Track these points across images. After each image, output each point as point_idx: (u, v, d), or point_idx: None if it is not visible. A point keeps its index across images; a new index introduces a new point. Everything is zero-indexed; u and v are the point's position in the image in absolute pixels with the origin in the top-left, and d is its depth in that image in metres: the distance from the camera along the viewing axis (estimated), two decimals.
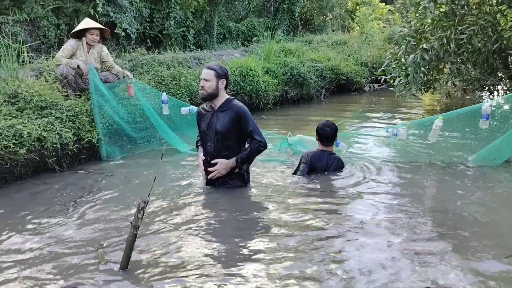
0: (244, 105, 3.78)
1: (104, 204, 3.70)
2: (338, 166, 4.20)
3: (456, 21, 6.26)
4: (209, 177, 3.76)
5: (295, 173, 4.21)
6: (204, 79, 3.63)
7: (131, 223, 2.50)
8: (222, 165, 3.68)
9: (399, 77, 7.18)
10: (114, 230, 3.12)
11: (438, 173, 4.34)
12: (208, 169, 3.72)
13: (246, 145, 3.75)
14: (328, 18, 16.64)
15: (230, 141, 3.69)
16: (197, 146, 3.97)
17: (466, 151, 4.94)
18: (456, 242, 2.82)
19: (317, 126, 4.20)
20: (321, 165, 4.14)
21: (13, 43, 5.36)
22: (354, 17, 16.22)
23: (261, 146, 3.72)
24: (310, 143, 4.78)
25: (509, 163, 4.43)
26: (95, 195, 3.93)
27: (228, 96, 3.74)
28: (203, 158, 3.77)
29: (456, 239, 2.86)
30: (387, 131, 4.81)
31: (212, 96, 3.66)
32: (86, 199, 3.82)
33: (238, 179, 3.82)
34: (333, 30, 16.00)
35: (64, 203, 3.72)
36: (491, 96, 7.80)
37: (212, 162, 3.70)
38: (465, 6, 6.28)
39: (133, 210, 3.31)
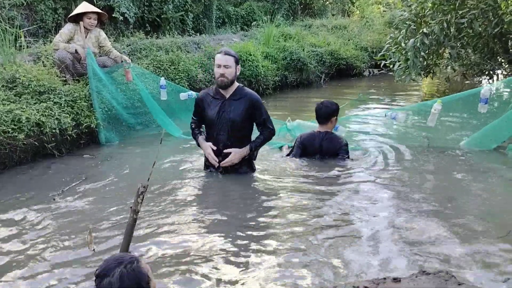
0: None
1: (103, 189, 3.72)
2: (334, 145, 4.13)
3: (457, 5, 6.20)
4: (222, 164, 3.65)
5: (288, 155, 4.26)
6: (225, 65, 3.48)
7: (130, 207, 2.51)
8: (236, 154, 3.63)
9: (399, 61, 7.14)
10: (113, 214, 3.14)
11: (435, 157, 4.35)
12: (222, 162, 3.63)
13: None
14: (328, 2, 16.50)
15: (244, 130, 3.67)
16: (195, 133, 3.77)
17: (464, 135, 4.94)
18: (452, 226, 2.84)
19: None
20: (313, 146, 4.15)
21: (10, 27, 5.33)
22: (354, 1, 16.08)
23: (272, 134, 3.77)
24: (309, 128, 4.78)
25: (504, 148, 4.43)
26: (94, 179, 3.94)
27: (238, 84, 3.69)
28: (214, 148, 3.63)
29: (453, 223, 2.88)
30: (385, 115, 4.81)
31: (232, 83, 3.57)
32: (85, 183, 3.84)
33: (246, 165, 3.81)
34: (333, 15, 15.86)
35: (63, 188, 3.74)
36: (490, 81, 7.77)
37: (225, 151, 3.62)
38: None
39: (132, 195, 3.33)
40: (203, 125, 3.83)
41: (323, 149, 4.14)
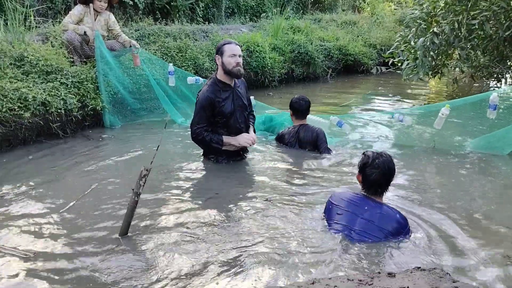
0: (248, 81, 4.00)
1: (106, 171, 3.74)
2: (312, 135, 4.22)
3: (469, 6, 6.15)
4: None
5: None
6: (239, 55, 3.61)
7: (133, 190, 2.52)
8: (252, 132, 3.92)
9: (407, 60, 7.11)
10: (114, 197, 3.16)
11: (440, 159, 4.33)
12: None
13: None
14: None
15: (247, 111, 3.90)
16: (216, 138, 3.66)
17: (470, 139, 4.91)
18: (451, 224, 2.84)
19: (291, 100, 4.34)
20: (286, 141, 4.34)
21: (20, 6, 5.32)
22: None
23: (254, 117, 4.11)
24: (313, 122, 4.77)
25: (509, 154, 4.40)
26: (97, 161, 3.97)
27: None
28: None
29: (452, 221, 2.88)
30: (393, 117, 4.78)
31: None
32: (88, 165, 3.86)
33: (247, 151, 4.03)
34: (343, 10, 15.75)
35: (65, 168, 3.77)
36: (498, 84, 7.72)
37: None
38: None
39: (135, 178, 3.34)
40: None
41: (303, 139, 4.24)
